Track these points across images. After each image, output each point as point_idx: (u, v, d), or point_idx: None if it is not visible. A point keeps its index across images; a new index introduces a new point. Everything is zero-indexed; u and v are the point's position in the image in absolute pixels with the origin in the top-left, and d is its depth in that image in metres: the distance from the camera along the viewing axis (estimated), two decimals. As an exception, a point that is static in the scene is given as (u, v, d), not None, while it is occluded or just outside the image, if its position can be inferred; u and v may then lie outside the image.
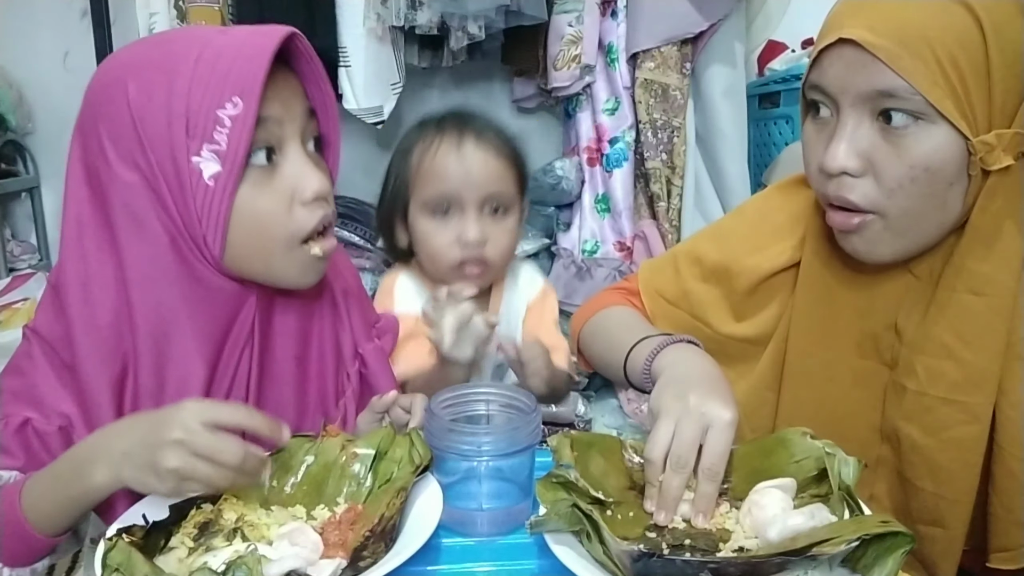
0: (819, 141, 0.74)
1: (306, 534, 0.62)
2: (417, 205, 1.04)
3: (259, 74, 0.66)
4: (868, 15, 0.69)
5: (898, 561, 0.55)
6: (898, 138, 0.68)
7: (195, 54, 0.67)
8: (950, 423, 0.74)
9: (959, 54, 0.65)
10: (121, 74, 0.69)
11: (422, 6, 1.83)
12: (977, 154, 0.67)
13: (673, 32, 1.94)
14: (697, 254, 0.92)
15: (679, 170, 2.01)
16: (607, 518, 0.64)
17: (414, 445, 0.71)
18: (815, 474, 0.66)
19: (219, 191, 0.67)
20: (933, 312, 0.74)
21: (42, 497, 0.66)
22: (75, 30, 2.25)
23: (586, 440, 0.71)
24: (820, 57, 0.72)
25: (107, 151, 0.69)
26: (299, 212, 0.72)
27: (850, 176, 0.71)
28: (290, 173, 0.71)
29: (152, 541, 0.60)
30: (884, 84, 0.67)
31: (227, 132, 0.66)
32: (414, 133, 1.07)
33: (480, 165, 1.01)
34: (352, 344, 0.89)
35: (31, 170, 2.41)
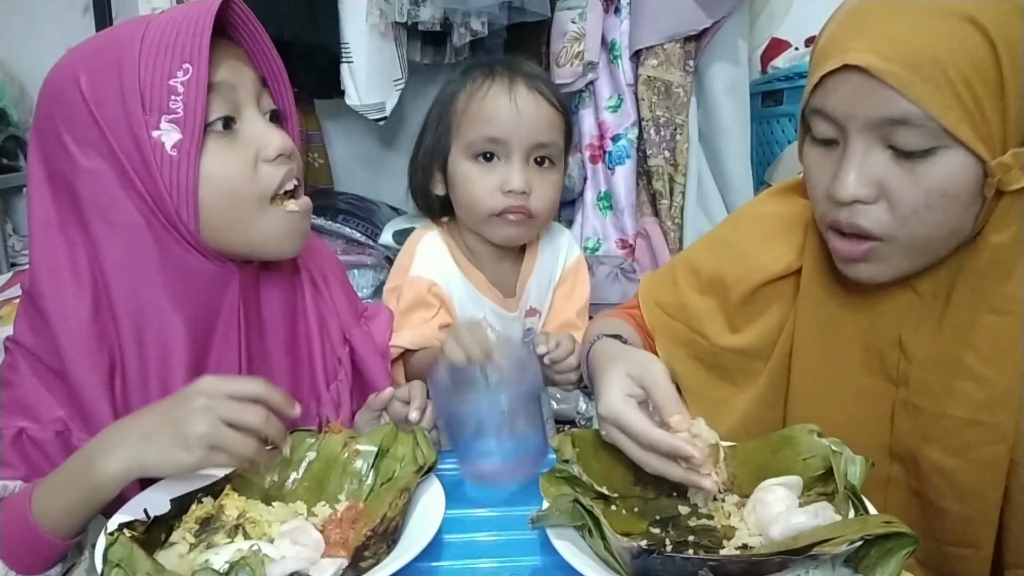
0: (825, 166, 0.71)
1: (308, 532, 0.62)
2: (460, 149, 0.99)
3: (204, 38, 0.67)
4: (872, 37, 0.65)
5: (900, 562, 0.54)
6: (912, 164, 0.65)
7: (140, 32, 0.68)
8: (976, 443, 0.72)
9: (972, 75, 0.62)
10: (70, 68, 0.70)
11: (425, 2, 1.82)
12: (995, 176, 0.65)
13: (676, 29, 1.94)
14: (694, 265, 0.91)
15: (682, 168, 2.01)
16: (611, 514, 0.64)
17: (418, 445, 0.71)
18: (822, 472, 0.66)
19: (183, 159, 0.68)
20: (948, 331, 0.72)
21: (53, 499, 0.65)
22: (77, 25, 2.25)
23: (589, 437, 0.71)
24: (823, 81, 0.68)
25: (67, 144, 0.69)
26: (264, 169, 0.73)
27: (862, 203, 0.68)
28: (251, 134, 0.72)
29: (153, 535, 0.60)
30: (896, 111, 0.64)
31: (182, 99, 0.67)
32: (459, 79, 1.02)
33: (532, 110, 0.97)
34: (339, 327, 0.90)
35: (33, 165, 2.40)
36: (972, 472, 0.73)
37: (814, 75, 0.69)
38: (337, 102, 1.97)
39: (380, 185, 2.32)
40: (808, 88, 0.70)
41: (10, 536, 0.65)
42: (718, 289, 0.87)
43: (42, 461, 0.71)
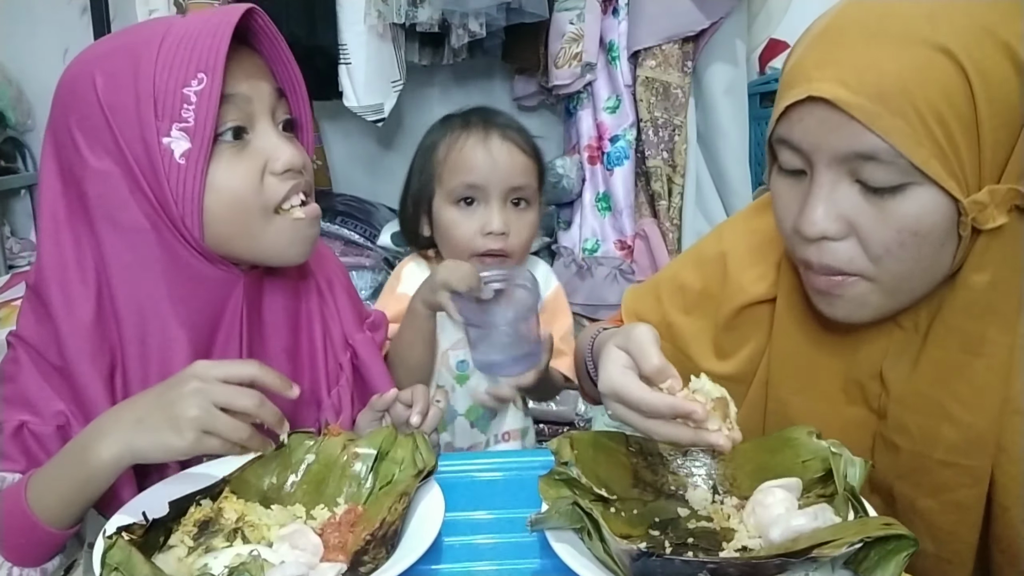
0: (792, 199, 0.67)
1: (307, 536, 0.62)
2: (443, 196, 1.08)
3: (221, 48, 0.67)
4: (839, 67, 0.61)
5: (900, 564, 0.54)
6: (882, 200, 0.62)
7: (159, 38, 0.68)
8: (951, 486, 0.70)
9: (944, 108, 0.59)
10: (88, 67, 0.70)
11: (423, 3, 1.82)
12: (968, 215, 0.61)
13: (674, 30, 1.94)
14: (679, 281, 0.88)
15: (680, 169, 2.01)
16: (610, 516, 0.64)
17: (418, 448, 0.71)
18: (821, 474, 0.66)
19: (191, 168, 0.68)
20: (925, 369, 0.70)
21: (48, 488, 0.65)
22: (75, 27, 2.25)
23: (587, 439, 0.70)
24: (788, 111, 0.64)
25: (79, 143, 0.69)
26: (271, 182, 0.73)
27: (831, 240, 0.65)
28: (261, 146, 0.73)
29: (151, 539, 0.60)
30: (863, 146, 0.60)
31: (194, 108, 0.67)
32: (438, 129, 1.12)
33: (506, 158, 1.06)
34: (342, 333, 0.90)
35: (30, 167, 2.40)
36: (946, 514, 0.71)
37: (779, 104, 0.65)
38: (335, 104, 1.97)
39: (378, 187, 2.32)
40: (774, 117, 0.66)
41: (8, 527, 0.65)
42: (706, 308, 0.85)
43: (42, 455, 0.71)
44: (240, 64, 0.71)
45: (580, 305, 2.04)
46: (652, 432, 0.65)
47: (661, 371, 0.65)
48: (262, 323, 0.81)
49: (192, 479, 0.67)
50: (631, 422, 0.66)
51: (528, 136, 1.10)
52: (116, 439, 0.64)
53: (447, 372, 1.15)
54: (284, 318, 0.83)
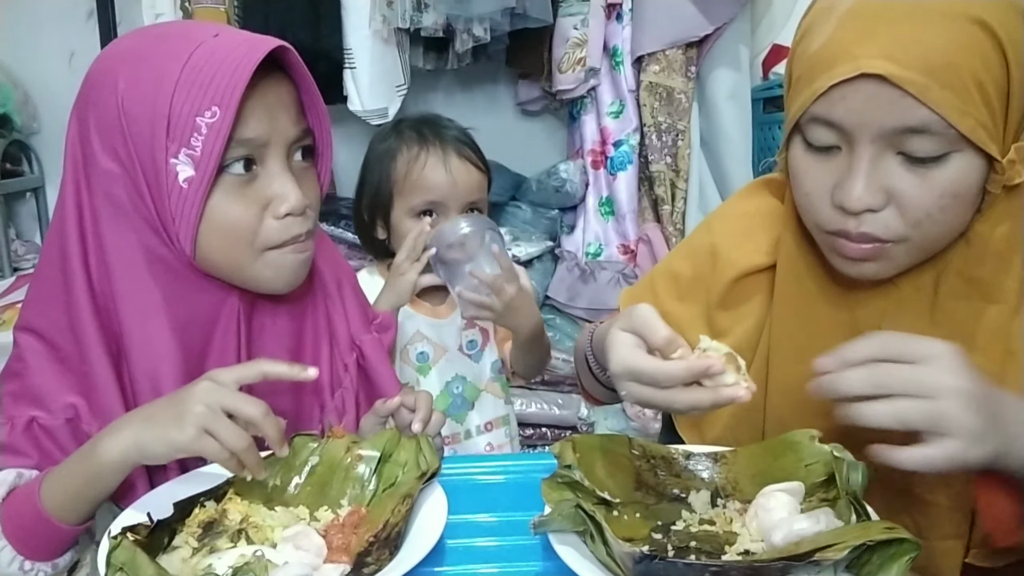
0: (824, 174, 0.68)
1: (310, 538, 0.62)
2: (403, 209, 1.16)
3: (239, 86, 0.66)
4: (884, 42, 0.62)
5: (903, 568, 0.54)
6: (924, 169, 0.64)
7: (185, 55, 0.67)
8: None
9: (984, 77, 0.62)
10: (115, 65, 0.70)
11: (427, 8, 1.83)
12: (1004, 173, 0.65)
13: (678, 35, 1.94)
14: (672, 271, 0.89)
15: (683, 173, 2.01)
16: (612, 519, 0.64)
17: (421, 451, 0.71)
18: (824, 478, 0.66)
19: (191, 195, 0.68)
20: (940, 320, 0.72)
21: (60, 484, 0.67)
22: (81, 30, 2.25)
23: (589, 442, 0.71)
24: (829, 90, 0.65)
25: (92, 139, 0.70)
26: (270, 223, 0.72)
27: (871, 211, 0.66)
28: (267, 185, 0.72)
29: (156, 539, 0.60)
30: (914, 120, 0.62)
31: (203, 139, 0.67)
32: (394, 138, 1.18)
33: (464, 177, 1.15)
34: (348, 334, 0.90)
35: (36, 170, 2.41)
36: None
37: (818, 82, 0.65)
38: (340, 108, 1.98)
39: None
40: (807, 96, 0.66)
41: (20, 522, 0.67)
42: (698, 292, 0.86)
43: (53, 448, 0.72)
44: (263, 96, 0.70)
45: (583, 309, 2.04)
46: (672, 402, 0.66)
47: (671, 341, 0.66)
48: (263, 330, 0.81)
49: (197, 480, 0.67)
50: (649, 398, 0.66)
51: (477, 149, 1.19)
52: (124, 436, 0.65)
53: (409, 367, 1.17)
54: (288, 319, 0.83)
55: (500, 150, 2.23)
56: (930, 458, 0.57)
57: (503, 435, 1.25)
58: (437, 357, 1.19)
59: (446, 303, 1.22)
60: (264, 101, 0.70)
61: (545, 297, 2.08)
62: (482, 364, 1.25)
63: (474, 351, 1.23)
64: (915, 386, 0.58)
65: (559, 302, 2.06)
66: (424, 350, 1.19)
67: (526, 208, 2.16)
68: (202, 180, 0.68)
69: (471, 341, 1.23)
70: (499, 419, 1.24)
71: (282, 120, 0.72)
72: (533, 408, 1.91)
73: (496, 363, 1.26)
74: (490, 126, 2.32)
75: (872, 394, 0.59)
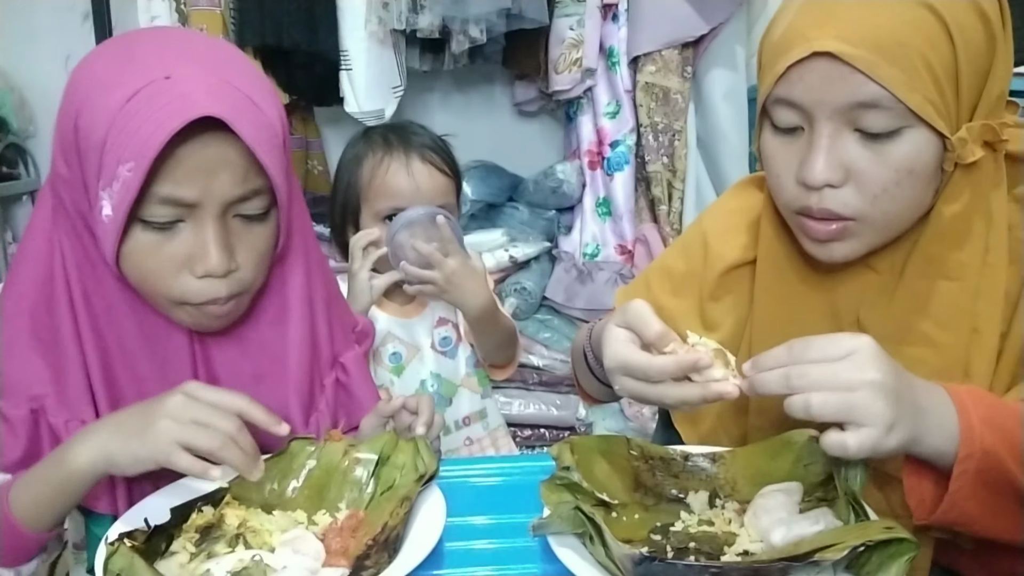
0: (790, 154, 0.72)
1: (308, 542, 0.62)
2: (370, 214, 1.17)
3: (155, 147, 0.63)
4: (837, 24, 0.67)
5: (902, 568, 0.54)
6: (879, 145, 0.68)
7: (129, 94, 0.64)
8: None
9: (932, 56, 0.66)
10: (82, 80, 0.68)
11: (423, 9, 1.83)
12: (955, 151, 0.68)
13: (674, 36, 1.94)
14: (667, 268, 0.92)
15: (680, 173, 2.01)
16: (611, 520, 0.64)
17: (419, 453, 0.71)
18: (822, 478, 0.66)
19: (109, 232, 0.67)
20: (902, 301, 0.74)
21: (29, 490, 0.66)
22: (77, 33, 2.25)
23: (588, 444, 0.71)
24: (788, 72, 0.69)
25: (56, 140, 0.70)
26: (187, 280, 0.69)
27: (832, 187, 0.69)
28: (189, 242, 0.68)
29: (153, 545, 0.60)
30: (864, 95, 0.66)
31: (117, 189, 0.65)
32: (361, 144, 1.20)
33: (427, 181, 1.16)
34: (331, 352, 0.86)
35: (32, 173, 2.41)
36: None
37: (778, 66, 0.69)
38: (336, 109, 1.97)
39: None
40: (770, 80, 0.71)
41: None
42: (691, 287, 0.88)
43: (10, 438, 0.71)
44: (199, 156, 0.65)
45: (580, 310, 2.04)
46: (663, 398, 0.67)
47: (663, 336, 0.67)
48: (222, 348, 0.78)
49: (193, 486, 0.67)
50: (641, 393, 0.68)
51: (447, 155, 1.19)
52: (92, 444, 0.64)
53: (383, 369, 1.18)
54: (256, 346, 0.79)
55: (497, 151, 2.23)
56: (845, 444, 0.59)
57: (480, 429, 1.25)
58: (410, 357, 1.19)
59: (414, 302, 1.23)
60: (197, 160, 0.66)
61: (543, 298, 2.08)
62: (457, 360, 1.25)
63: (448, 347, 1.24)
64: (829, 382, 0.60)
65: (556, 303, 2.06)
66: (397, 350, 1.19)
67: (523, 209, 2.16)
68: (115, 223, 0.66)
69: (444, 338, 1.24)
70: (476, 413, 1.25)
71: (219, 181, 0.67)
72: (531, 409, 1.91)
73: (471, 358, 1.26)
74: (487, 127, 2.33)
75: (790, 392, 0.61)
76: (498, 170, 2.18)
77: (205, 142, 0.65)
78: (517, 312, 2.03)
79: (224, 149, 0.66)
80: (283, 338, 0.81)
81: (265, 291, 0.78)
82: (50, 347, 0.72)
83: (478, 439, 1.26)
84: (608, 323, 0.72)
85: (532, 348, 1.95)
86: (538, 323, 2.05)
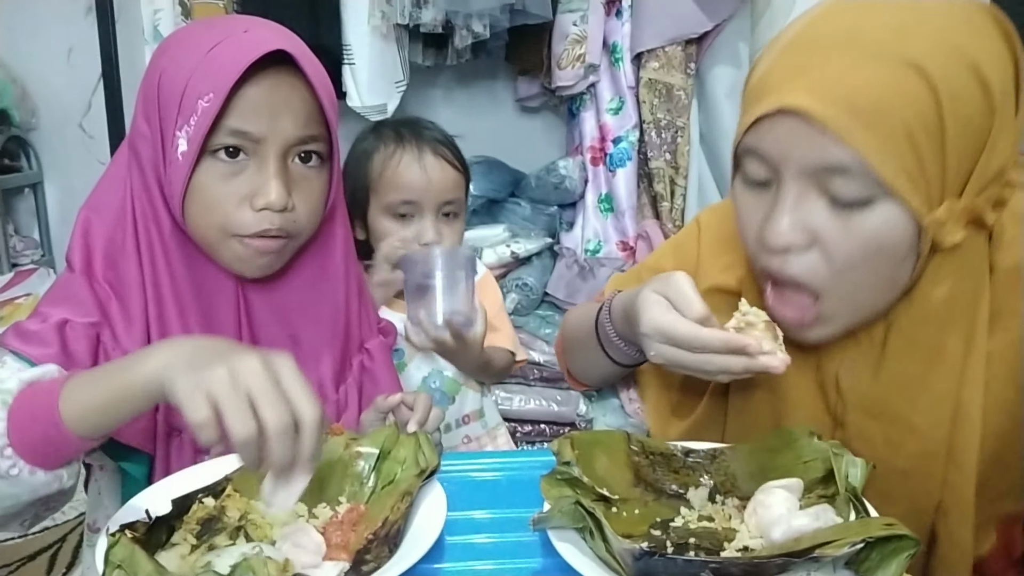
0: (756, 209, 0.67)
1: (309, 535, 0.62)
2: (379, 208, 1.16)
3: (232, 77, 0.71)
4: (810, 78, 0.61)
5: (902, 564, 0.54)
6: (848, 214, 0.62)
7: (211, 45, 0.73)
8: (910, 493, 0.71)
9: (915, 124, 0.59)
10: (168, 44, 0.80)
11: (427, 4, 1.83)
12: (928, 233, 0.62)
13: (678, 32, 1.94)
14: (659, 266, 0.89)
15: (683, 170, 2.02)
16: (612, 515, 0.64)
17: (420, 448, 0.71)
18: (822, 475, 0.66)
19: (181, 168, 0.74)
20: (885, 380, 0.71)
21: (83, 389, 0.62)
22: (79, 26, 2.25)
23: (588, 439, 0.71)
24: (757, 122, 0.64)
25: (139, 102, 0.79)
26: (246, 213, 0.76)
27: (794, 250, 0.65)
28: (252, 178, 0.76)
29: (154, 536, 0.60)
30: (833, 159, 0.60)
31: (195, 121, 0.73)
32: (372, 138, 1.19)
33: (439, 175, 1.14)
34: (359, 335, 0.91)
35: (34, 165, 2.41)
36: (906, 519, 0.71)
37: (747, 116, 0.65)
38: (339, 104, 1.97)
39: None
40: (741, 128, 0.66)
41: (28, 423, 0.62)
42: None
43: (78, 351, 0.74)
44: (267, 95, 0.74)
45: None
46: (703, 365, 0.66)
47: (706, 319, 0.66)
48: (268, 309, 0.83)
49: (195, 477, 0.67)
50: (678, 360, 0.67)
51: (457, 150, 1.19)
52: (161, 357, 0.59)
53: None
54: (296, 308, 0.85)
55: (499, 146, 2.23)
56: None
57: (479, 427, 1.25)
58: (413, 354, 1.19)
59: None
60: (266, 98, 0.74)
61: (544, 294, 2.08)
62: None
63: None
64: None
65: (558, 298, 2.07)
66: (400, 347, 1.19)
67: (525, 204, 2.16)
68: (189, 155, 0.74)
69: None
70: (475, 412, 1.25)
71: (283, 121, 0.75)
72: (531, 405, 1.91)
73: None
74: (489, 123, 2.33)
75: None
76: (500, 165, 2.18)
77: (275, 83, 0.74)
78: (518, 308, 2.03)
79: (290, 93, 0.75)
80: (319, 303, 0.87)
81: (307, 251, 0.84)
82: (119, 286, 0.78)
83: (476, 437, 1.26)
84: (643, 289, 0.70)
85: (533, 344, 1.95)
86: (539, 319, 2.05)
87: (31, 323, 0.75)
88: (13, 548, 1.68)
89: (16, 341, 0.73)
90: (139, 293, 0.78)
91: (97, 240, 0.78)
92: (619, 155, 2.05)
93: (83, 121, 2.39)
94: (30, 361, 0.71)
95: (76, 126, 2.39)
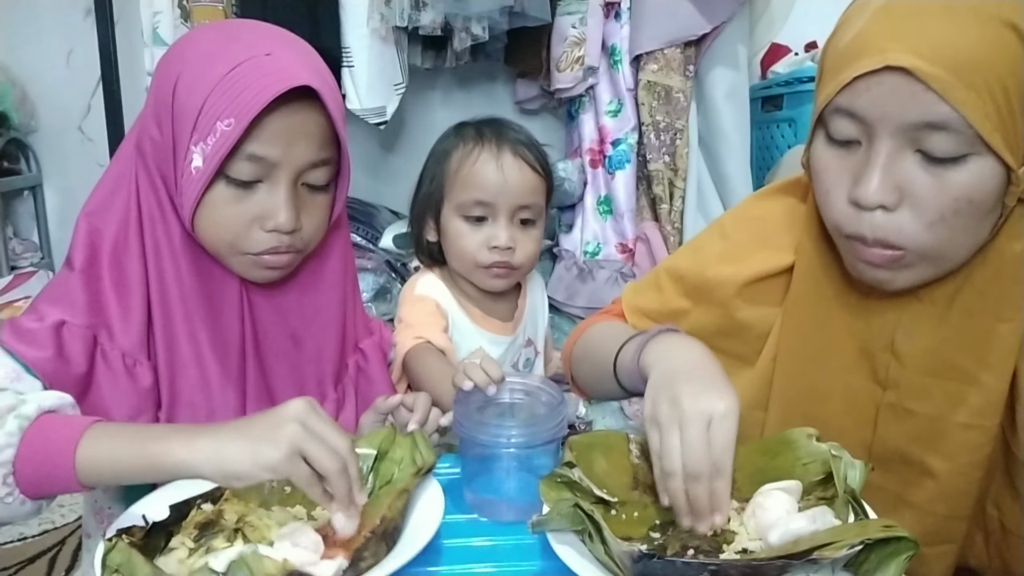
0: (844, 170, 0.68)
1: (307, 533, 0.62)
2: (452, 207, 1.09)
3: (256, 108, 0.72)
4: (914, 38, 0.62)
5: (901, 566, 0.54)
6: (941, 170, 0.64)
7: (233, 65, 0.74)
8: (970, 447, 0.72)
9: (1010, 82, 0.61)
10: (185, 52, 0.78)
11: (426, 7, 1.83)
12: (1019, 184, 0.64)
13: (676, 34, 1.94)
14: (679, 272, 0.89)
15: (681, 172, 2.01)
16: (610, 518, 0.64)
17: (417, 447, 0.71)
18: (821, 477, 0.66)
19: (195, 181, 0.75)
20: (949, 335, 0.72)
21: (106, 446, 0.61)
22: (79, 29, 2.25)
23: (587, 441, 0.71)
24: (854, 81, 0.65)
25: (149, 105, 0.80)
26: (256, 233, 0.78)
27: (885, 210, 0.66)
28: (263, 200, 0.77)
29: (152, 542, 0.60)
30: (934, 116, 0.62)
31: (214, 142, 0.73)
32: (453, 137, 1.12)
33: (516, 176, 1.07)
34: (354, 335, 0.93)
35: (33, 168, 2.41)
36: (963, 475, 0.73)
37: (844, 74, 0.65)
38: (338, 107, 1.98)
39: (380, 189, 2.32)
40: (833, 88, 0.67)
41: (38, 457, 0.62)
42: (703, 293, 0.86)
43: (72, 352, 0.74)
44: (286, 121, 0.74)
45: (581, 308, 2.04)
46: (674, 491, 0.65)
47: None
48: (270, 310, 0.84)
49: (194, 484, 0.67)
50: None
51: (540, 153, 1.11)
52: (205, 443, 0.60)
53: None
54: (297, 309, 0.86)
55: (498, 149, 2.24)
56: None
57: None
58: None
59: (512, 320, 1.16)
60: (285, 126, 0.75)
61: (543, 296, 2.08)
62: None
63: (527, 368, 1.20)
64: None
65: (557, 301, 2.07)
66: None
67: (524, 207, 2.16)
68: (204, 174, 0.74)
69: (527, 360, 1.19)
70: None
71: (299, 147, 0.77)
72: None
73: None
74: (488, 125, 2.33)
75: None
76: (499, 168, 2.18)
77: (293, 111, 0.75)
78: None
79: (307, 119, 0.77)
80: (319, 305, 0.88)
81: (309, 256, 0.86)
82: (120, 285, 0.78)
83: None
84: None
85: (532, 346, 1.95)
86: (538, 321, 2.05)
87: (28, 320, 0.75)
88: (12, 551, 1.68)
89: (12, 339, 0.73)
90: (142, 291, 0.78)
91: (100, 238, 0.79)
92: (618, 157, 2.05)
93: (82, 124, 2.39)
94: (24, 364, 0.72)
95: (75, 129, 2.39)
